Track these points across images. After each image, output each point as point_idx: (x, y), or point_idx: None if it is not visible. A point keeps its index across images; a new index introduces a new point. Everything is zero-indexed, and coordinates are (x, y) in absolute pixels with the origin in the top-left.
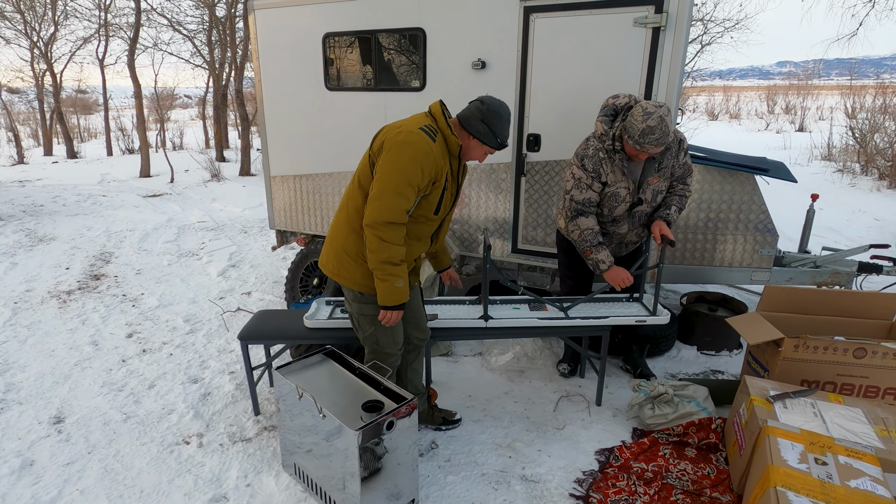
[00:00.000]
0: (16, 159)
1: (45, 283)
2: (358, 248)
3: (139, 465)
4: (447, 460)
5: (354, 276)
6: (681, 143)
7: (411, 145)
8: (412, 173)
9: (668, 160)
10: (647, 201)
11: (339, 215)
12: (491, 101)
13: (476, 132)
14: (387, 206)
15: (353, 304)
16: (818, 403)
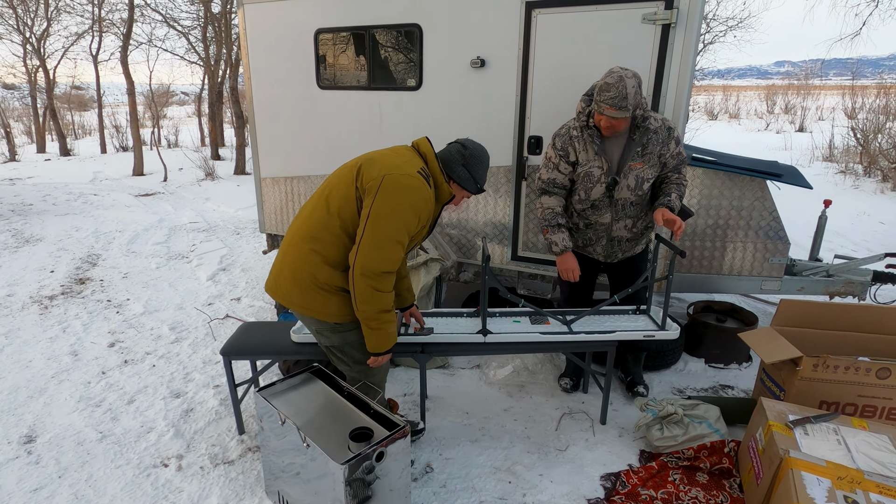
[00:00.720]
0: (7, 157)
1: (27, 288)
2: (332, 280)
3: (112, 491)
4: (443, 486)
5: (329, 309)
6: (670, 130)
7: (413, 191)
8: (411, 221)
9: (652, 145)
10: (630, 188)
11: (301, 242)
12: (472, 145)
13: (457, 177)
14: (386, 256)
15: (331, 337)
16: (841, 429)
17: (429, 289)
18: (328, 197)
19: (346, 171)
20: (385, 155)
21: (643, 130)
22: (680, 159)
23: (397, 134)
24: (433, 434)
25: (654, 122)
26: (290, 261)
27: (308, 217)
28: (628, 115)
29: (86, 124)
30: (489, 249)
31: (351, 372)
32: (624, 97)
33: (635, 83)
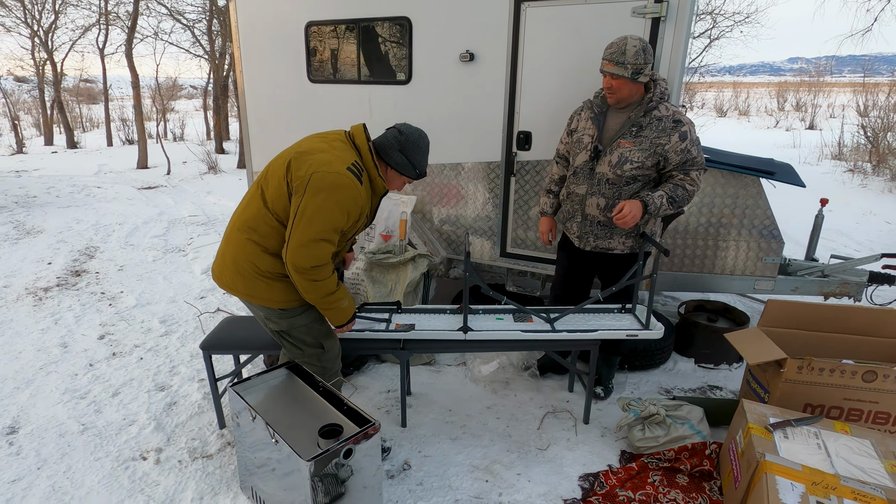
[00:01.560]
0: (15, 149)
1: (24, 279)
2: (273, 268)
3: (89, 484)
4: (419, 483)
5: (273, 296)
6: (677, 123)
7: (340, 189)
8: (338, 219)
9: (650, 130)
10: (611, 164)
11: (240, 232)
12: (408, 129)
13: (394, 163)
14: (314, 253)
15: (279, 322)
16: (822, 433)
17: (415, 285)
18: (264, 188)
19: (279, 165)
20: (317, 148)
21: (648, 114)
22: (687, 157)
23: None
24: (414, 431)
25: (663, 110)
26: (232, 251)
27: (245, 208)
28: (626, 73)
29: (94, 117)
30: (477, 246)
31: (303, 356)
32: (622, 52)
33: (639, 45)
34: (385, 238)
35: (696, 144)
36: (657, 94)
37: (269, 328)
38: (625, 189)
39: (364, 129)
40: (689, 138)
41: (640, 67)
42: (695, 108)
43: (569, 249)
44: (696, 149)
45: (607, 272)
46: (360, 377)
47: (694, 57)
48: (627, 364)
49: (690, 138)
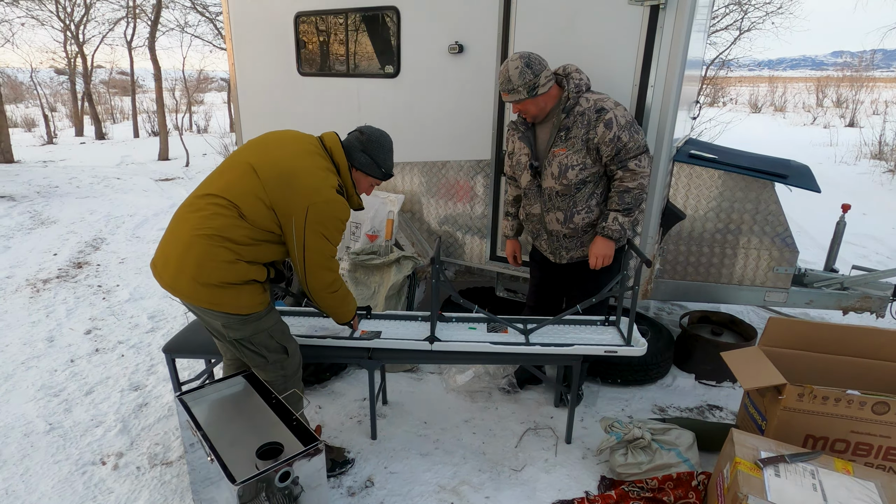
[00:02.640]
0: (45, 139)
1: (27, 270)
2: (246, 275)
3: (43, 488)
4: (380, 503)
5: (240, 301)
6: (600, 112)
7: (337, 218)
8: (337, 237)
9: (577, 128)
10: (554, 176)
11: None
12: (370, 130)
13: (358, 164)
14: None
15: (242, 328)
16: (820, 472)
17: (399, 288)
18: (238, 203)
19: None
20: (300, 171)
21: (570, 113)
22: (618, 146)
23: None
24: (383, 444)
25: (584, 102)
26: (195, 258)
27: (212, 217)
28: (520, 96)
29: (125, 109)
30: (467, 247)
31: (266, 364)
32: (507, 80)
33: (520, 63)
34: (371, 238)
35: (627, 129)
36: (572, 90)
37: (229, 337)
38: (577, 196)
39: (338, 139)
40: (617, 124)
41: (532, 83)
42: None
43: (540, 261)
44: (626, 133)
45: (584, 281)
46: (338, 383)
47: (722, 50)
48: (620, 378)
49: (618, 123)
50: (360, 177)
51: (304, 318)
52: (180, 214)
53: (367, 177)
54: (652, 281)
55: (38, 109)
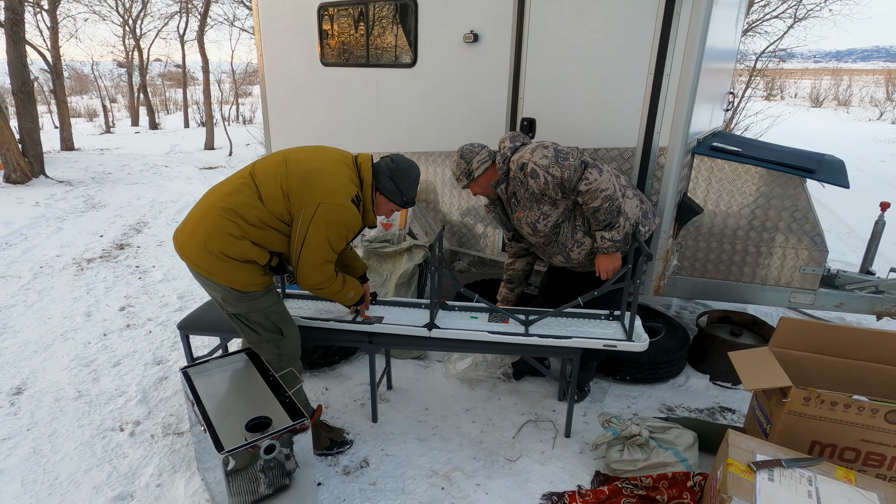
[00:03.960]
0: (104, 129)
1: (74, 250)
2: (246, 253)
3: (66, 449)
4: (372, 483)
5: (237, 277)
6: (522, 168)
7: (344, 223)
8: (339, 244)
9: (519, 191)
10: (530, 234)
11: (223, 212)
12: (401, 159)
13: (383, 189)
14: (320, 273)
15: (238, 305)
16: (819, 479)
17: (409, 276)
18: (258, 185)
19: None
20: (323, 170)
21: (508, 182)
22: (557, 183)
23: (393, 114)
24: (383, 428)
25: (513, 166)
26: (206, 226)
27: (234, 192)
28: (463, 183)
29: (178, 100)
30: (482, 238)
31: (261, 341)
32: (452, 173)
33: (456, 157)
34: (385, 227)
35: (552, 165)
36: (500, 162)
37: (227, 311)
38: (560, 238)
39: (371, 161)
40: (542, 169)
41: (467, 170)
42: (783, 96)
43: None
44: (555, 169)
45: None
46: (346, 366)
47: (774, 40)
48: (629, 375)
49: (542, 168)
50: (382, 200)
51: (311, 301)
52: (213, 187)
53: (388, 202)
54: (665, 277)
55: (99, 100)
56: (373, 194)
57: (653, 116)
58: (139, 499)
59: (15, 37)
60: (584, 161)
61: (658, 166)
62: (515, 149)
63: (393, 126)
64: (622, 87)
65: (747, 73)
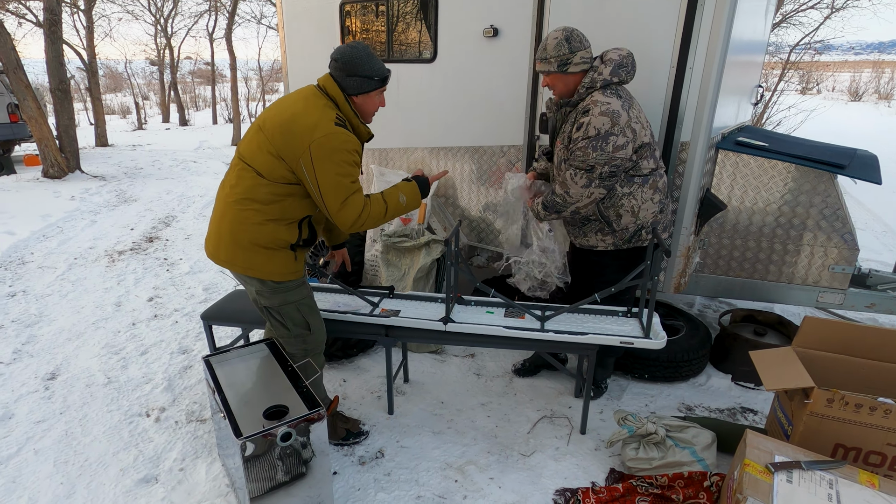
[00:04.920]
0: (136, 125)
1: (107, 242)
2: (274, 237)
3: (96, 433)
4: (387, 474)
5: (272, 267)
6: (584, 113)
7: (340, 149)
8: (352, 171)
9: (568, 122)
10: (554, 165)
11: (236, 204)
12: (340, 52)
13: (352, 89)
14: (351, 208)
15: (272, 298)
16: (840, 482)
17: (427, 270)
18: (250, 163)
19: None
20: (297, 112)
21: (574, 107)
22: (574, 147)
23: (413, 110)
24: (398, 420)
25: (588, 100)
26: (228, 224)
27: (236, 184)
28: (549, 68)
29: (207, 97)
30: (500, 233)
31: (289, 336)
32: (544, 48)
33: (560, 35)
34: (405, 221)
35: (590, 139)
36: (586, 84)
37: (260, 304)
38: None
39: (332, 78)
40: (585, 131)
41: (566, 58)
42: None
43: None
44: (584, 143)
45: (599, 270)
46: (364, 359)
47: (809, 31)
48: (647, 373)
49: (585, 131)
50: (361, 100)
51: (328, 295)
52: (220, 185)
53: (366, 95)
54: (686, 275)
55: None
56: (350, 105)
57: (675, 111)
58: (163, 482)
59: (53, 36)
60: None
61: (679, 161)
62: (606, 83)
63: (413, 121)
64: (643, 80)
65: (780, 66)
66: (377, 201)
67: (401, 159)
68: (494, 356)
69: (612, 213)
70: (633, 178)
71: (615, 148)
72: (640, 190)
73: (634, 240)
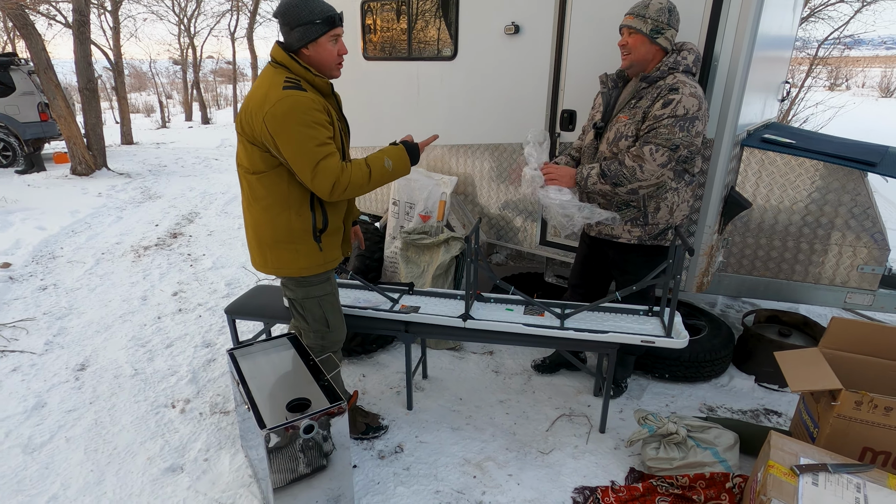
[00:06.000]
0: (160, 124)
1: (133, 238)
2: (287, 228)
3: (124, 422)
4: (406, 468)
5: (298, 263)
6: (672, 91)
7: (293, 111)
8: (316, 134)
9: (646, 100)
10: (609, 141)
11: (249, 207)
12: (278, 8)
13: (297, 41)
14: (325, 175)
15: (296, 291)
16: (868, 486)
17: (446, 267)
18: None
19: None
20: (250, 96)
21: (651, 84)
22: (656, 126)
23: (433, 108)
24: (417, 415)
25: (669, 80)
26: (251, 230)
27: (245, 190)
28: (644, 28)
29: (229, 95)
30: (521, 231)
31: (309, 330)
32: (645, 6)
33: (665, 3)
34: (424, 218)
35: (678, 119)
36: (668, 63)
37: (286, 295)
38: None
39: (278, 43)
40: (674, 109)
41: (662, 27)
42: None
43: (585, 237)
44: (672, 122)
45: (619, 265)
46: (383, 354)
47: (838, 26)
48: (668, 373)
49: (675, 110)
50: (313, 51)
51: (349, 291)
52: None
53: (316, 44)
54: (709, 274)
55: (156, 97)
56: (300, 62)
57: None
58: (188, 471)
59: (81, 37)
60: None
61: (704, 159)
62: (687, 69)
63: (432, 119)
64: None
65: (807, 61)
66: (359, 166)
67: (420, 157)
68: (513, 353)
69: (652, 204)
70: (684, 174)
71: (696, 133)
72: (685, 189)
73: (660, 238)
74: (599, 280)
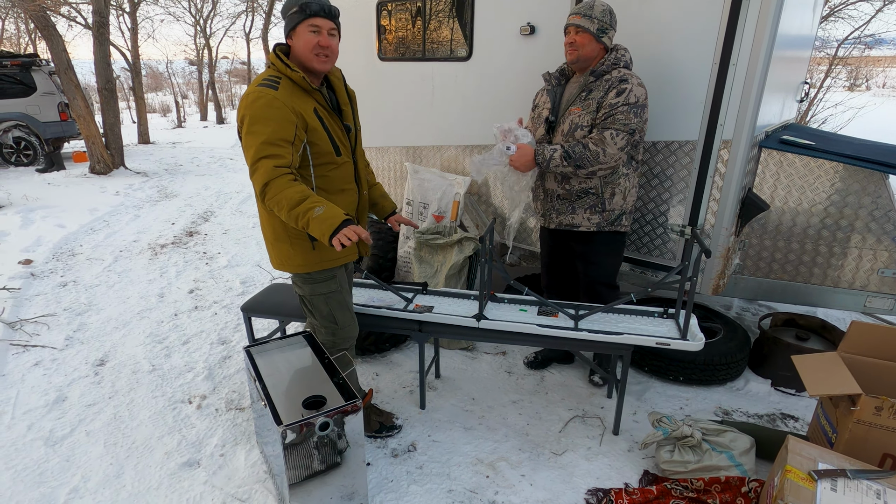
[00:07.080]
0: (176, 123)
1: (150, 236)
2: (284, 226)
3: (142, 417)
4: (419, 467)
5: (296, 260)
6: (622, 82)
7: (251, 107)
8: (268, 132)
9: (597, 91)
10: (563, 133)
11: (260, 207)
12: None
13: (285, 32)
14: (259, 174)
15: (303, 288)
16: (888, 493)
17: (459, 267)
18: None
19: None
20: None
21: (599, 78)
22: (612, 113)
23: (447, 108)
24: (430, 415)
25: (615, 73)
26: (263, 230)
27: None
28: (591, 27)
29: None
30: (535, 230)
31: (318, 326)
32: (591, 7)
33: (607, 7)
34: (437, 219)
35: (631, 106)
36: (611, 60)
37: (296, 292)
38: None
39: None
40: (626, 97)
41: (606, 27)
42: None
43: (544, 235)
44: (626, 108)
45: (583, 257)
46: (397, 353)
47: (859, 25)
48: (682, 376)
49: (627, 98)
50: (294, 41)
51: (364, 290)
52: None
53: (294, 32)
54: (725, 276)
55: (172, 97)
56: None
57: (716, 108)
58: (205, 466)
59: (101, 38)
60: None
61: (721, 160)
62: (627, 65)
63: (446, 119)
64: (684, 77)
65: (827, 61)
66: (293, 191)
67: (434, 157)
68: (526, 354)
69: (608, 190)
70: (631, 161)
71: (645, 120)
72: (633, 175)
73: (617, 223)
74: (567, 277)
